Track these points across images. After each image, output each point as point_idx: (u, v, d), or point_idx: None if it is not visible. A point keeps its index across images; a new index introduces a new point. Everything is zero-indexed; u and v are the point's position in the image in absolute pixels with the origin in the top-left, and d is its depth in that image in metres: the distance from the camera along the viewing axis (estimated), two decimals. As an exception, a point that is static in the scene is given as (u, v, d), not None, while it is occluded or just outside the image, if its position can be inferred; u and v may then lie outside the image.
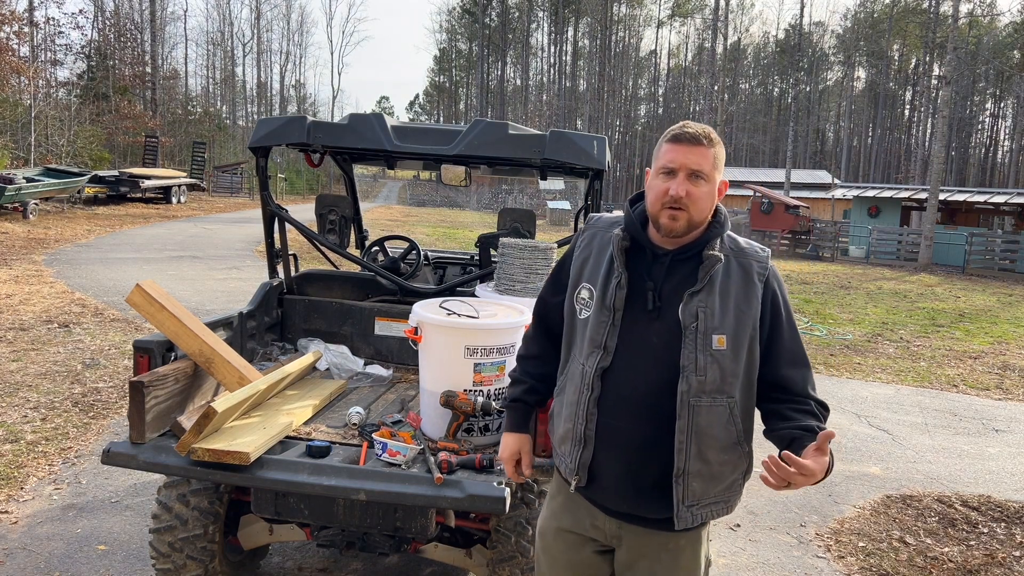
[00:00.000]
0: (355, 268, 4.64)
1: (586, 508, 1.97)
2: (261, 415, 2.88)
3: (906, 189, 29.76)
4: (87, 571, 3.51)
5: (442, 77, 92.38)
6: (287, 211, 4.08)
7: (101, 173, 25.52)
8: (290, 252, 4.19)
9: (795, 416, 1.88)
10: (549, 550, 2.06)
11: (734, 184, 42.52)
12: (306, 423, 2.99)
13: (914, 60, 69.44)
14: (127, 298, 2.95)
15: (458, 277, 4.56)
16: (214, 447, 2.47)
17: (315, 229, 4.49)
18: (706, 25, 64.18)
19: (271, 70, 75.65)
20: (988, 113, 72.40)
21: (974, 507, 4.98)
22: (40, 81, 30.92)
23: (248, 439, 2.57)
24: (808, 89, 63.34)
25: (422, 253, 4.74)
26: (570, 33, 71.96)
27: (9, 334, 7.77)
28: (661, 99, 76.89)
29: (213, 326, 3.27)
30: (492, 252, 4.37)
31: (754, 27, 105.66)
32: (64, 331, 8.07)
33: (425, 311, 2.94)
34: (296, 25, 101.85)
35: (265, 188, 3.94)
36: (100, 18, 45.79)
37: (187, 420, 2.68)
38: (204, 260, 14.64)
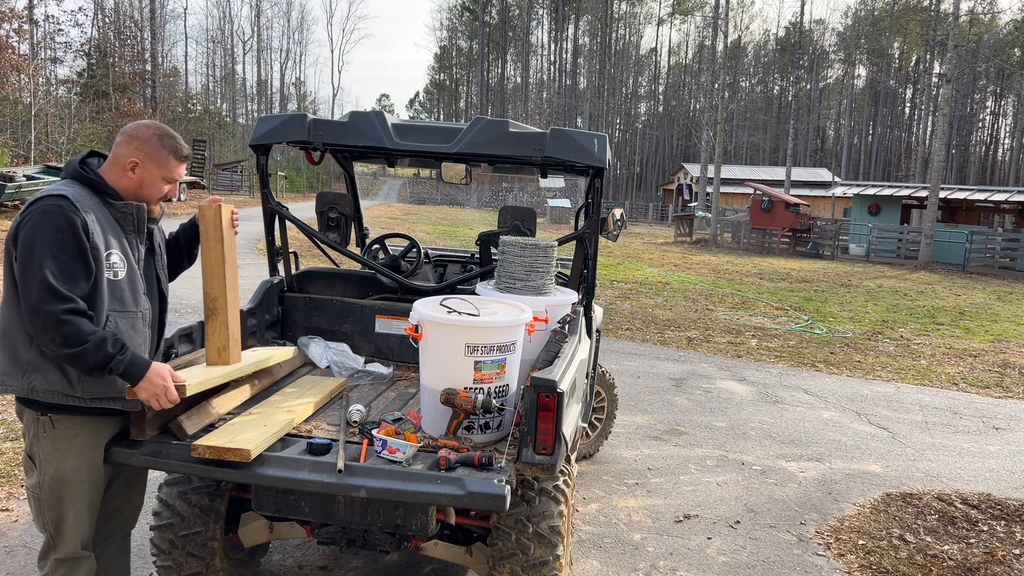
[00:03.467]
0: (355, 266, 4.64)
1: None
2: (261, 412, 2.88)
3: (906, 187, 29.77)
4: (88, 568, 3.51)
5: (442, 75, 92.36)
6: (287, 209, 4.08)
7: (101, 171, 25.48)
8: (291, 250, 4.19)
9: None
10: None
11: (734, 182, 42.50)
12: (307, 421, 2.99)
13: (915, 58, 69.44)
14: (201, 206, 2.83)
15: (458, 275, 4.56)
16: (215, 444, 2.47)
17: (315, 227, 4.49)
18: (706, 23, 64.10)
19: (271, 68, 75.66)
20: (989, 111, 72.39)
21: (974, 505, 4.99)
22: (40, 79, 30.92)
23: (249, 436, 2.57)
24: (808, 87, 63.30)
25: (422, 251, 4.73)
26: (570, 31, 71.94)
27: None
28: (661, 97, 76.86)
29: None
30: (493, 250, 4.36)
31: (754, 25, 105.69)
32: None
33: (426, 309, 2.94)
34: (296, 23, 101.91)
35: (265, 186, 3.94)
36: (100, 16, 45.79)
37: (187, 419, 2.68)
38: (204, 258, 14.60)
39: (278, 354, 3.32)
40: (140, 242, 2.56)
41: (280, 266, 4.22)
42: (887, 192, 28.41)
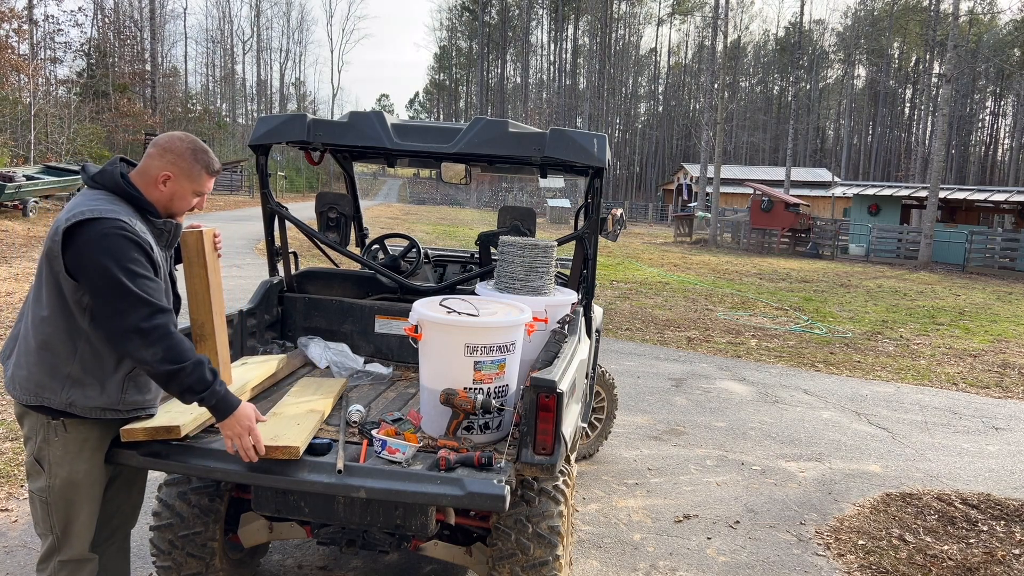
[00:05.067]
0: (355, 266, 4.64)
1: None
2: (282, 412, 2.86)
3: (906, 187, 29.76)
4: (87, 569, 3.50)
5: (442, 75, 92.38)
6: (287, 209, 4.08)
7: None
8: (290, 250, 4.19)
9: None
10: None
11: (734, 182, 42.50)
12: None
13: (914, 58, 69.45)
14: (184, 233, 2.77)
15: (458, 275, 4.56)
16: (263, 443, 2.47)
17: (315, 227, 4.49)
18: (706, 23, 64.16)
19: (271, 68, 75.78)
20: (988, 111, 72.41)
21: (974, 505, 4.99)
22: (40, 79, 30.89)
23: (291, 433, 2.57)
24: (808, 87, 63.29)
25: (422, 251, 4.73)
26: (570, 31, 71.95)
27: (10, 332, 7.76)
28: (661, 97, 76.87)
29: None
30: (492, 250, 4.37)
31: (754, 25, 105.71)
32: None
33: (425, 309, 2.94)
34: (296, 23, 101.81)
35: (265, 186, 3.94)
36: (100, 16, 45.81)
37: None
38: (204, 258, 14.59)
39: (266, 368, 3.33)
40: (169, 256, 2.62)
41: (280, 266, 4.22)
42: (887, 192, 28.41)
